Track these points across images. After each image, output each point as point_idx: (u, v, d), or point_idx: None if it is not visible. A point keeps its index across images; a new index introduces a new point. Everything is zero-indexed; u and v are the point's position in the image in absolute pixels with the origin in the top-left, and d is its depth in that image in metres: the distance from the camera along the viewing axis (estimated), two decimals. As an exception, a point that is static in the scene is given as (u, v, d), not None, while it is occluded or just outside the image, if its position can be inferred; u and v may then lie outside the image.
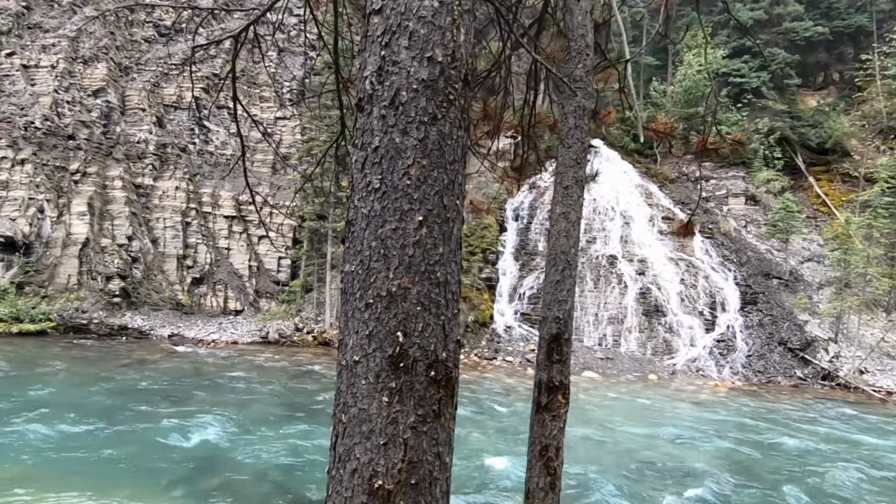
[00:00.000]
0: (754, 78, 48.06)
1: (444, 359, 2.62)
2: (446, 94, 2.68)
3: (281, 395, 22.69)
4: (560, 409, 4.55)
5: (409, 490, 2.51)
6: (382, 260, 2.59)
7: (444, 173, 2.66)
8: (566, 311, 4.62)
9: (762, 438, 20.29)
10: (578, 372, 31.60)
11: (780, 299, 36.90)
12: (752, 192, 45.14)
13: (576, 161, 4.76)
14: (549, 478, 4.45)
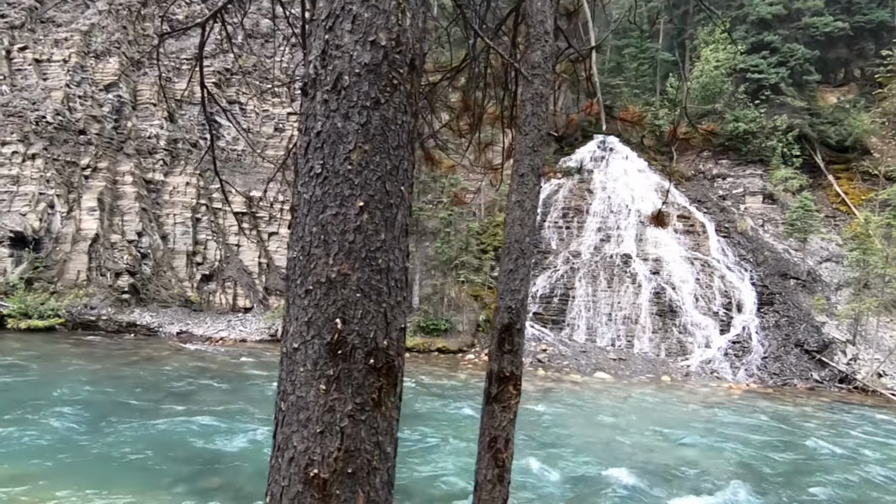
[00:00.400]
0: (773, 74, 47.56)
1: (384, 347, 2.57)
2: (390, 79, 2.64)
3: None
4: (510, 401, 4.49)
5: (346, 479, 2.48)
6: (323, 246, 2.57)
7: (388, 158, 2.63)
8: (519, 301, 4.55)
9: (777, 442, 20.03)
10: (590, 373, 31.58)
11: (798, 300, 36.58)
12: (769, 190, 44.77)
13: (532, 149, 4.67)
14: (497, 470, 4.38)
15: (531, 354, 33.82)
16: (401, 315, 2.67)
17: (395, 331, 2.63)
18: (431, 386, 25.57)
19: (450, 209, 36.69)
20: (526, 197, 4.61)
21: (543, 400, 24.77)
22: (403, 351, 2.71)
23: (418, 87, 2.79)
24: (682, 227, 41.63)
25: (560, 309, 37.70)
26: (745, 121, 46.27)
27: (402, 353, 2.69)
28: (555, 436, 19.12)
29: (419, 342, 34.73)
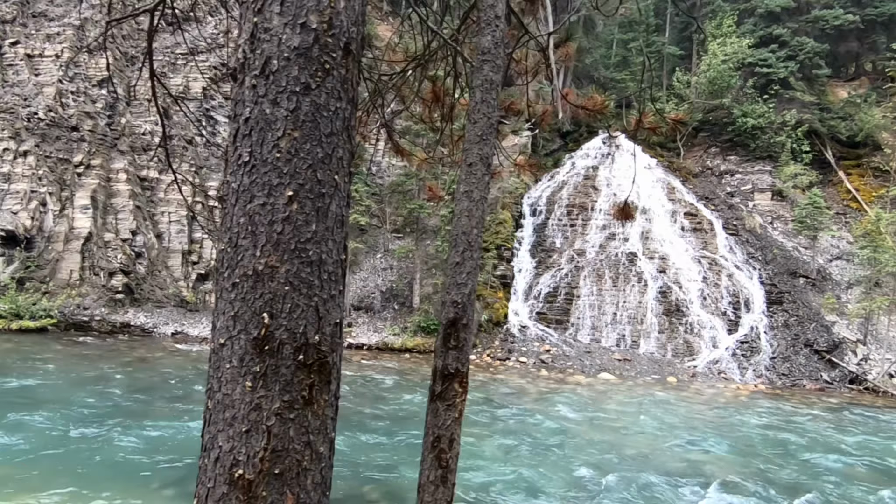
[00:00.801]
0: (782, 68, 47.40)
1: (316, 342, 2.55)
2: (321, 64, 2.60)
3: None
4: (455, 399, 4.35)
5: (273, 480, 2.46)
6: (250, 237, 2.54)
7: (319, 146, 2.59)
8: (465, 295, 4.48)
9: (786, 445, 19.88)
10: (595, 374, 31.47)
11: (807, 299, 36.44)
12: (778, 187, 44.61)
13: (481, 137, 4.57)
14: (440, 471, 4.26)
15: (534, 355, 33.73)
16: (336, 309, 2.64)
17: (329, 326, 2.60)
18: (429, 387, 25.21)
19: (450, 207, 36.45)
20: (474, 187, 4.52)
21: (545, 401, 24.61)
22: (340, 347, 2.69)
23: (356, 72, 2.73)
24: (689, 224, 41.56)
25: (564, 308, 37.57)
26: (754, 116, 46.15)
27: (339, 349, 2.68)
28: (555, 438, 18.96)
29: (419, 342, 34.58)
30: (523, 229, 43.15)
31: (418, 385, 25.66)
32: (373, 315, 37.29)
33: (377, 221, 42.10)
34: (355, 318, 36.79)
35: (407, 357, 32.99)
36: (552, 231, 42.82)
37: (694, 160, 49.76)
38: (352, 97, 2.72)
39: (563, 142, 53.04)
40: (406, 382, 26.30)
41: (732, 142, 48.03)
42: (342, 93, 2.66)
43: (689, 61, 55.89)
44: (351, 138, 2.75)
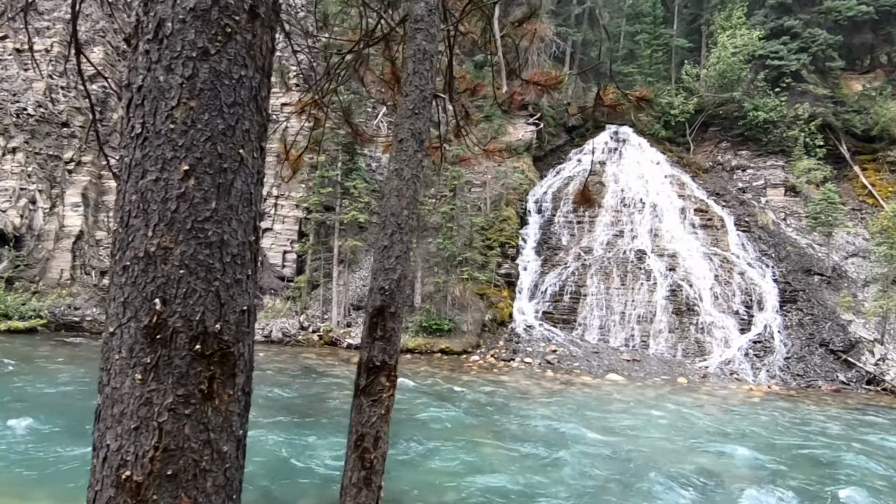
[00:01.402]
0: (794, 60, 47.16)
1: (217, 331, 2.38)
2: (222, 27, 2.43)
3: (276, 397, 22.13)
4: (382, 394, 4.11)
5: (166, 482, 2.30)
6: (142, 216, 2.37)
7: (220, 117, 2.41)
8: (394, 282, 4.27)
9: (800, 448, 19.52)
10: (602, 375, 31.22)
11: (822, 297, 36.14)
12: (792, 182, 44.38)
13: (413, 111, 4.33)
14: (363, 472, 4.03)
15: (540, 356, 33.46)
16: (241, 295, 2.48)
17: (233, 313, 2.44)
18: (431, 389, 25.09)
19: (452, 203, 36.14)
20: (405, 165, 4.30)
21: (550, 403, 24.28)
22: (247, 336, 2.54)
23: (267, 39, 2.59)
24: (699, 221, 41.42)
25: (571, 308, 37.33)
26: (766, 110, 45.93)
27: (246, 339, 2.53)
28: (560, 441, 18.60)
29: (421, 343, 34.28)
30: (528, 226, 42.97)
31: (419, 387, 25.35)
32: (373, 315, 36.92)
33: (378, 219, 41.71)
34: (354, 318, 36.49)
35: (408, 358, 32.63)
36: (558, 228, 42.68)
37: (704, 155, 49.57)
38: (262, 65, 2.56)
39: (568, 136, 52.88)
40: (407, 384, 25.83)
41: (744, 136, 47.80)
42: (248, 60, 2.50)
43: (697, 54, 55.52)
44: (261, 110, 2.58)
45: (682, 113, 49.30)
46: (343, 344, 34.40)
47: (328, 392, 23.70)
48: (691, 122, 50.04)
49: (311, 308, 37.23)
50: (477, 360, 33.36)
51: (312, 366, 29.08)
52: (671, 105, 49.73)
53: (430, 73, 4.40)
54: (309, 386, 24.56)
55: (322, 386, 24.85)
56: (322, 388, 24.34)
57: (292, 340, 34.91)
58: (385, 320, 4.21)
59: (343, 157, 37.09)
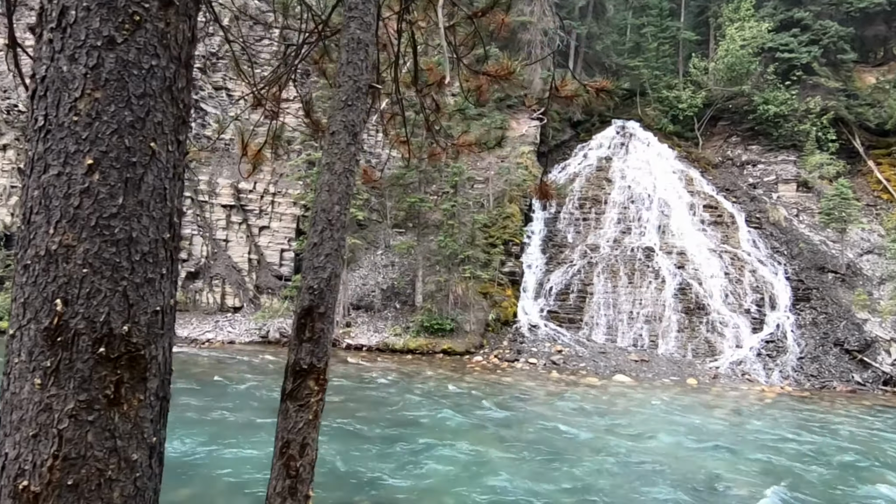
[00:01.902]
0: (804, 53, 46.82)
1: (124, 333, 2.32)
2: (130, 14, 2.37)
3: (272, 399, 21.71)
4: (310, 398, 3.97)
5: (66, 493, 2.22)
6: (44, 213, 2.32)
7: (128, 109, 2.35)
8: (323, 280, 4.06)
9: (813, 452, 19.07)
10: (609, 376, 30.87)
11: (836, 295, 35.79)
12: (804, 177, 44.04)
13: (346, 103, 4.19)
14: (289, 481, 3.87)
15: (545, 356, 33.12)
16: (154, 295, 2.44)
17: (144, 314, 2.39)
18: (432, 391, 24.79)
19: (453, 200, 35.70)
20: (337, 158, 4.15)
21: (554, 406, 23.94)
22: (162, 338, 2.50)
23: (183, 27, 2.53)
24: (709, 217, 41.22)
25: (577, 307, 37.03)
26: (776, 103, 45.56)
27: (160, 341, 2.48)
28: (563, 445, 18.27)
29: (423, 343, 33.88)
30: (533, 223, 42.70)
31: (420, 389, 25.02)
32: (373, 314, 36.58)
33: (377, 216, 41.40)
34: (354, 318, 36.09)
35: (409, 358, 32.31)
36: (564, 225, 42.46)
37: (713, 150, 49.28)
38: (178, 55, 2.51)
39: (574, 132, 52.59)
40: (407, 385, 25.64)
41: (754, 130, 47.47)
42: (160, 49, 2.44)
43: (706, 47, 55.14)
44: (177, 101, 2.52)
45: (691, 107, 48.95)
46: (342, 344, 33.99)
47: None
48: (700, 117, 49.70)
49: (309, 308, 36.81)
50: (480, 360, 32.99)
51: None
52: (679, 99, 49.42)
53: (364, 63, 4.28)
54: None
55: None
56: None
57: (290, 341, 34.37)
58: (314, 321, 4.01)
59: (342, 151, 36.67)
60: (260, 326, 35.13)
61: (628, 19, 59.22)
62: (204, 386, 23.35)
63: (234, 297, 37.83)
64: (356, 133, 4.23)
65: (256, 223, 39.65)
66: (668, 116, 50.15)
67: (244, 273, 38.56)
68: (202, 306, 37.35)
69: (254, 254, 39.03)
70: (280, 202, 39.31)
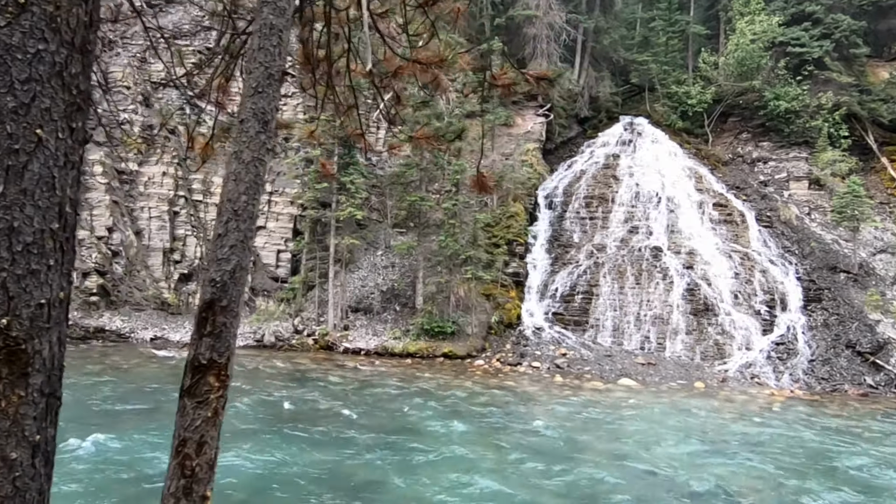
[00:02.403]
0: (816, 47, 46.54)
1: (3, 326, 2.26)
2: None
3: (263, 406, 21.66)
4: (209, 395, 3.83)
5: None
6: None
7: (10, 94, 2.30)
8: (227, 273, 3.93)
9: (822, 458, 18.93)
10: (614, 379, 30.77)
11: (849, 296, 35.56)
12: (816, 174, 43.83)
13: (256, 89, 4.14)
14: (184, 480, 3.72)
15: (549, 360, 32.97)
16: (38, 288, 2.37)
17: (27, 307, 2.34)
18: (430, 396, 24.61)
19: (454, 199, 35.46)
20: (245, 147, 4.07)
21: (556, 411, 23.85)
22: (47, 332, 2.41)
23: (78, 11, 2.46)
24: (718, 216, 40.98)
25: (583, 308, 36.85)
26: (787, 99, 45.36)
27: (45, 335, 2.40)
28: (563, 452, 18.14)
29: (422, 347, 33.71)
30: (538, 223, 42.56)
31: (418, 394, 24.89)
32: (372, 317, 36.39)
33: (378, 216, 41.23)
34: (353, 321, 35.91)
35: (408, 363, 32.18)
36: (570, 225, 42.29)
37: (723, 147, 49.10)
38: (71, 40, 2.45)
39: (580, 128, 52.54)
40: (404, 391, 25.53)
41: (765, 127, 47.31)
42: (49, 33, 2.39)
43: (715, 41, 54.84)
44: (69, 87, 2.46)
45: (700, 103, 48.78)
46: (339, 348, 33.86)
47: (309, 400, 23.18)
48: (709, 113, 49.53)
49: (305, 310, 36.70)
50: (481, 364, 32.84)
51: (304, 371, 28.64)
52: (688, 95, 49.24)
53: (276, 50, 4.22)
54: (295, 392, 24.01)
55: (302, 393, 24.32)
56: (301, 396, 23.80)
57: (286, 345, 34.40)
58: (215, 315, 3.91)
59: (340, 150, 36.44)
60: (255, 330, 34.97)
61: (637, 13, 59.00)
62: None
63: (228, 299, 37.45)
64: (267, 121, 4.13)
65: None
66: (678, 112, 50.02)
67: (239, 275, 38.35)
68: (195, 309, 36.52)
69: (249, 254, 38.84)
70: (277, 201, 39.16)
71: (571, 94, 51.62)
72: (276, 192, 39.18)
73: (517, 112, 48.63)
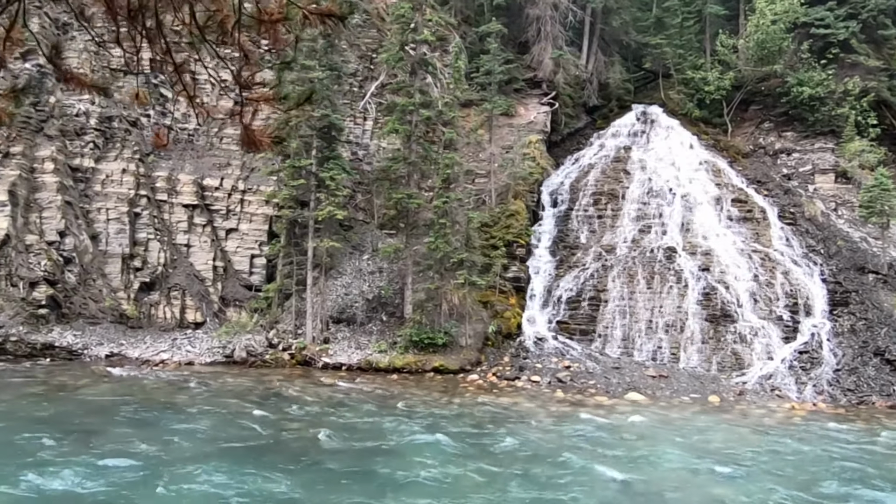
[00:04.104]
0: (842, 29, 46.27)
1: None
2: None
3: (225, 429, 21.26)
4: None
5: None
6: None
7: None
8: None
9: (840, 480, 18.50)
10: (621, 394, 30.42)
11: (878, 299, 35.21)
12: (843, 167, 43.51)
13: None
14: None
15: (550, 373, 32.58)
16: None
17: None
18: (414, 416, 24.26)
19: (445, 196, 34.87)
20: None
21: (552, 429, 23.51)
22: None
23: None
24: (737, 213, 40.68)
25: (589, 316, 36.59)
26: (811, 85, 45.04)
27: None
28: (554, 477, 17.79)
29: (410, 360, 33.21)
30: (542, 223, 42.34)
31: (401, 413, 24.56)
32: (355, 329, 35.86)
33: (364, 216, 40.77)
34: (334, 333, 35.40)
35: (394, 378, 31.72)
36: (576, 224, 42.03)
37: (744, 137, 48.89)
38: None
39: (589, 118, 52.22)
40: (386, 410, 25.18)
41: (788, 115, 47.14)
42: None
43: (734, 23, 54.33)
44: None
45: (718, 90, 48.30)
46: (318, 363, 33.37)
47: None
48: (729, 100, 49.18)
49: (282, 322, 36.13)
50: (475, 379, 32.38)
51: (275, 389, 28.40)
52: (705, 81, 48.76)
53: None
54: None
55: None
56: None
57: (258, 360, 33.81)
58: None
59: (318, 143, 35.90)
60: (224, 344, 34.47)
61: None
62: (140, 415, 22.95)
63: (195, 310, 37.10)
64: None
65: (223, 225, 39.05)
66: (694, 100, 49.61)
67: (208, 283, 37.90)
68: (158, 322, 36.56)
69: (219, 260, 38.33)
70: (251, 200, 38.63)
71: (579, 81, 51.24)
72: (249, 189, 38.67)
73: (519, 100, 48.26)
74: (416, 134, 36.64)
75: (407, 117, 36.46)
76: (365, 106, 42.62)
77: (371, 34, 43.88)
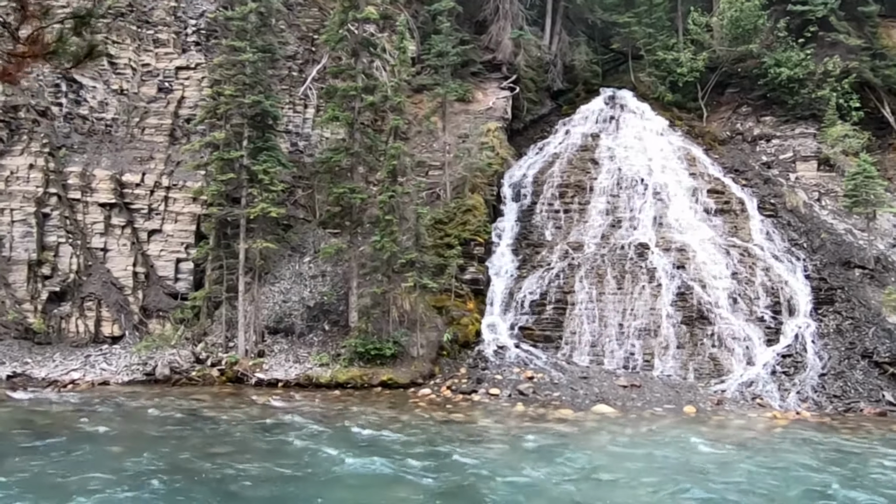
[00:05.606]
0: (820, 5, 46.34)
1: None
2: None
3: (125, 460, 20.34)
4: None
5: None
6: None
7: None
8: None
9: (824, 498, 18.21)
10: (588, 406, 29.92)
11: (864, 296, 35.27)
12: (825, 153, 43.74)
13: None
14: None
15: (511, 385, 32.11)
16: None
17: None
18: (353, 437, 23.57)
19: (391, 190, 33.97)
20: None
21: (508, 448, 23.31)
22: None
23: None
24: (714, 205, 40.75)
25: (556, 321, 36.22)
26: (789, 65, 45.22)
27: None
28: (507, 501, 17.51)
29: (355, 374, 32.39)
30: (503, 218, 42.12)
31: (338, 436, 23.72)
32: (294, 340, 34.95)
33: (306, 214, 39.85)
34: (270, 345, 34.51)
35: (336, 395, 30.97)
36: (541, 219, 41.77)
37: (720, 123, 49.13)
38: None
39: (554, 104, 52.10)
40: (322, 431, 24.40)
41: (766, 98, 47.44)
42: None
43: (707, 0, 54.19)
44: None
45: (692, 71, 48.32)
46: (251, 380, 32.45)
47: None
48: (703, 83, 49.34)
49: (211, 333, 35.28)
50: (428, 393, 31.68)
51: (197, 411, 27.55)
52: (678, 62, 48.74)
53: None
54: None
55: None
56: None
57: (184, 378, 32.83)
58: None
59: (251, 132, 34.91)
60: (145, 360, 33.44)
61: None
62: (33, 443, 22.08)
63: (112, 323, 35.94)
64: None
65: (145, 226, 37.91)
66: (666, 83, 49.78)
67: (127, 291, 36.70)
68: (70, 336, 35.44)
69: (140, 266, 37.15)
70: (176, 198, 37.53)
71: (542, 64, 51.02)
72: (174, 186, 37.53)
73: (476, 85, 47.83)
74: (360, 122, 35.90)
75: (349, 103, 35.65)
76: (305, 92, 41.78)
77: (313, 13, 43.21)
